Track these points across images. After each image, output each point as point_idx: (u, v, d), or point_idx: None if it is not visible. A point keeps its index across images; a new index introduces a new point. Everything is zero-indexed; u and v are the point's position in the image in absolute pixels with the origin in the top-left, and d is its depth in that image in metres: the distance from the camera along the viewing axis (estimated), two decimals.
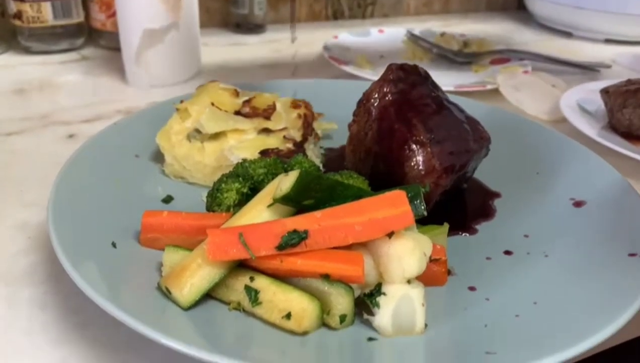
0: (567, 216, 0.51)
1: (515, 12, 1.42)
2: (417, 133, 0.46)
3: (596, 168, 0.56)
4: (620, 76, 1.00)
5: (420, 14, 1.33)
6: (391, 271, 0.37)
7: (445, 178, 0.46)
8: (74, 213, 0.45)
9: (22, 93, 0.81)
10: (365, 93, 0.51)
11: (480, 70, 0.95)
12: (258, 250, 0.38)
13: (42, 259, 0.48)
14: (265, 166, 0.47)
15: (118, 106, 0.77)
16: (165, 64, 0.83)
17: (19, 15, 0.90)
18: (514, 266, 0.45)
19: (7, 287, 0.45)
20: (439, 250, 0.43)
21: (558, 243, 0.47)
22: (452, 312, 0.40)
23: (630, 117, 0.70)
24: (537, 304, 0.40)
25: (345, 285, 0.37)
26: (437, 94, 0.51)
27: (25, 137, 0.68)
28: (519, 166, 0.60)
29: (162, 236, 0.44)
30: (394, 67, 0.51)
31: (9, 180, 0.59)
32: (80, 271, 0.37)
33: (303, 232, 0.38)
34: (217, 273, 0.38)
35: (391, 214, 0.38)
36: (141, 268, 0.42)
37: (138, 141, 0.58)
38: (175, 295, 0.38)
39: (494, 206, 0.54)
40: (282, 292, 0.37)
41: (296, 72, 0.94)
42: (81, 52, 0.97)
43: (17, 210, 0.54)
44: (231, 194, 0.45)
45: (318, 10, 1.22)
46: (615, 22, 1.14)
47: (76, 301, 0.43)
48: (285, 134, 0.57)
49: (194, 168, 0.55)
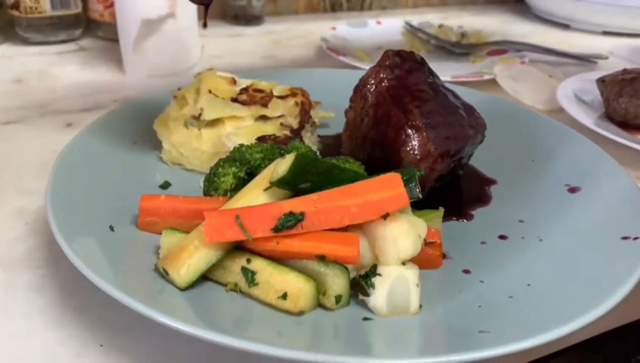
0: (562, 202, 0.51)
1: (513, 4, 1.42)
2: (413, 118, 0.47)
3: (590, 155, 0.56)
4: (617, 67, 0.99)
5: (418, 6, 1.33)
6: (386, 253, 0.38)
7: (440, 162, 0.46)
8: (71, 198, 0.45)
9: (20, 83, 0.81)
10: (361, 79, 0.51)
11: (478, 61, 0.95)
12: (255, 232, 0.38)
13: (39, 244, 0.48)
14: (262, 151, 0.47)
15: (116, 96, 0.78)
16: (163, 53, 0.83)
17: (16, 5, 0.90)
18: (508, 250, 0.46)
19: (5, 272, 0.45)
20: (433, 233, 0.43)
21: (553, 228, 0.48)
22: (446, 294, 0.41)
23: (626, 106, 0.71)
24: (531, 286, 0.40)
25: (341, 266, 0.38)
26: (433, 80, 0.51)
27: (23, 126, 0.69)
28: (515, 154, 0.60)
29: (159, 220, 0.44)
30: (391, 53, 0.51)
31: (7, 168, 0.60)
32: (78, 254, 0.38)
33: (299, 214, 0.38)
34: (214, 254, 0.39)
35: (386, 196, 0.38)
36: (139, 251, 0.42)
37: (136, 128, 0.58)
38: (173, 275, 0.38)
39: (489, 193, 0.54)
40: (279, 273, 0.38)
41: (294, 64, 0.94)
42: (79, 43, 0.97)
43: (15, 197, 0.54)
44: (228, 178, 0.46)
45: (316, 2, 1.22)
46: (612, 14, 1.15)
47: (73, 285, 0.43)
48: (283, 121, 0.57)
49: (191, 154, 0.55)
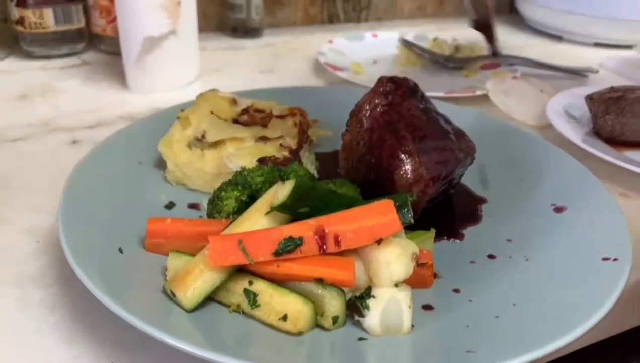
0: (548, 222, 0.53)
1: (508, 15, 1.44)
2: (406, 144, 0.49)
3: (576, 174, 0.59)
4: (607, 81, 1.03)
5: (414, 17, 1.36)
6: (380, 276, 0.40)
7: (432, 186, 0.49)
8: (82, 220, 0.47)
9: (25, 99, 0.83)
10: (357, 104, 0.54)
11: (471, 75, 0.98)
12: (256, 256, 0.41)
13: (51, 262, 0.50)
14: (262, 175, 0.50)
15: (119, 112, 0.80)
16: (165, 70, 0.85)
17: (21, 21, 0.92)
18: (496, 270, 0.48)
19: (18, 289, 0.47)
20: (425, 255, 0.46)
21: (538, 248, 0.50)
22: (437, 313, 0.43)
23: (612, 124, 0.73)
24: (516, 305, 0.43)
25: (338, 289, 0.40)
26: (425, 105, 0.53)
27: (30, 143, 0.71)
28: (504, 172, 0.62)
29: (165, 242, 0.47)
30: (385, 79, 0.54)
31: (17, 186, 0.62)
32: (90, 276, 0.40)
33: (298, 239, 0.41)
34: (218, 277, 0.41)
35: (380, 222, 0.41)
36: (146, 272, 0.45)
37: (141, 149, 0.60)
38: (180, 297, 0.40)
39: (480, 211, 0.57)
40: (279, 295, 0.40)
41: (293, 78, 0.97)
42: (82, 57, 1.00)
43: (26, 215, 0.57)
44: (231, 201, 0.48)
45: (314, 14, 1.24)
46: (603, 26, 1.17)
47: (85, 304, 0.46)
48: (282, 142, 0.59)
49: (194, 174, 0.57)
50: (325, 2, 1.24)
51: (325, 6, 1.24)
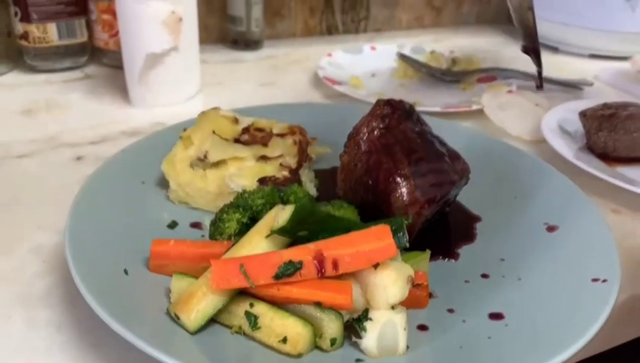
0: (540, 241, 0.55)
1: (505, 25, 1.46)
2: (402, 167, 0.51)
3: (569, 194, 0.60)
4: (601, 93, 1.05)
5: (411, 28, 1.37)
6: (377, 299, 0.42)
7: (427, 208, 0.50)
8: (88, 242, 0.49)
9: (29, 114, 0.85)
10: (355, 127, 0.55)
11: (468, 88, 0.99)
12: (257, 279, 0.42)
13: (57, 282, 0.52)
14: (263, 197, 0.51)
15: (122, 127, 0.81)
16: (167, 85, 0.87)
17: (25, 35, 0.94)
18: (489, 289, 0.50)
19: (25, 309, 0.49)
20: (421, 276, 0.47)
21: (531, 267, 0.52)
22: (432, 333, 0.45)
23: (605, 140, 0.75)
24: (508, 326, 0.44)
25: (336, 312, 0.42)
26: (421, 128, 0.55)
27: (35, 159, 0.72)
28: (498, 190, 0.64)
29: (169, 263, 0.48)
30: (382, 102, 0.55)
31: (22, 203, 0.63)
32: (97, 299, 0.41)
33: (298, 263, 0.42)
34: (220, 300, 0.43)
35: (377, 247, 0.42)
36: (151, 293, 0.46)
37: (144, 168, 0.62)
38: (184, 320, 0.42)
39: (475, 230, 0.59)
40: (279, 318, 0.42)
41: (292, 91, 0.98)
42: (84, 70, 1.01)
43: (32, 233, 0.58)
44: (232, 224, 0.50)
45: (313, 25, 1.26)
46: (597, 38, 1.19)
47: (90, 323, 0.47)
48: (282, 161, 0.61)
49: (196, 194, 0.59)
50: (324, 14, 1.26)
51: (324, 18, 1.26)
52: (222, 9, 1.15)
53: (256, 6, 1.10)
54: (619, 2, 1.14)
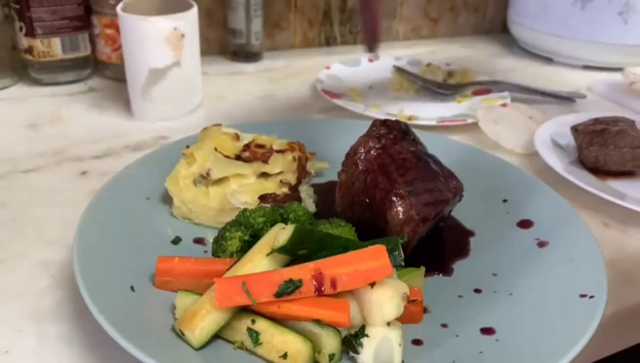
0: (531, 256, 0.57)
1: (500, 35, 1.48)
2: (397, 186, 0.53)
3: (560, 210, 0.62)
4: (594, 105, 1.07)
5: (409, 38, 1.39)
6: (373, 316, 0.44)
7: (422, 226, 0.52)
8: (95, 259, 0.51)
9: (35, 128, 0.87)
10: (352, 147, 0.58)
11: (463, 101, 1.02)
12: (259, 297, 0.44)
13: (65, 297, 0.54)
14: (264, 215, 0.53)
15: (125, 141, 0.83)
16: (169, 99, 0.89)
17: (30, 50, 0.96)
18: (481, 304, 0.52)
19: (36, 324, 0.51)
20: (415, 292, 0.49)
21: (521, 282, 0.54)
22: (425, 348, 0.47)
23: (596, 155, 0.77)
24: (499, 341, 0.47)
25: (334, 328, 0.44)
26: (416, 148, 0.57)
27: (41, 174, 0.74)
28: (492, 206, 0.66)
29: (174, 280, 0.50)
30: (378, 123, 0.57)
31: (30, 218, 0.65)
32: (106, 316, 0.43)
33: (298, 281, 0.44)
34: (223, 317, 0.45)
35: (373, 266, 0.44)
36: (156, 309, 0.48)
37: (148, 184, 0.64)
38: (188, 336, 0.44)
39: (468, 245, 0.61)
40: (280, 334, 0.44)
41: (292, 103, 1.00)
42: (88, 83, 1.03)
43: (40, 248, 0.60)
44: (234, 242, 0.52)
45: (312, 37, 1.28)
46: (590, 50, 1.21)
47: (99, 337, 0.49)
48: (282, 178, 0.63)
49: (199, 210, 0.61)
50: (323, 26, 1.28)
51: (322, 29, 1.28)
52: (222, 22, 1.17)
53: (256, 19, 1.13)
54: (612, 15, 1.16)
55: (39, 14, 0.93)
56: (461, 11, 1.43)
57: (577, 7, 1.19)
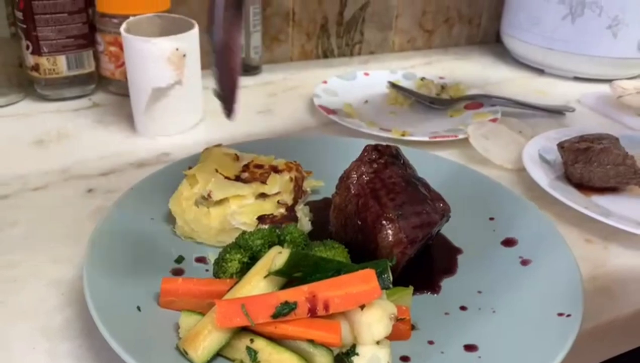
0: (515, 274, 0.60)
1: (494, 45, 1.52)
2: (387, 211, 0.56)
3: (544, 229, 0.65)
4: (583, 118, 1.11)
5: (404, 50, 1.43)
6: (363, 336, 0.47)
7: (410, 248, 0.56)
8: (103, 280, 0.54)
9: (41, 144, 0.90)
10: (346, 171, 0.61)
11: (455, 114, 1.05)
12: (257, 318, 0.48)
13: (74, 315, 0.57)
14: (262, 237, 0.57)
15: (129, 158, 0.87)
16: (171, 116, 0.92)
17: (36, 67, 0.99)
18: (466, 322, 0.55)
19: (47, 341, 0.54)
20: (404, 311, 0.53)
21: (504, 300, 0.57)
22: None
23: (581, 171, 0.80)
24: (481, 358, 0.50)
25: (327, 348, 0.47)
26: (405, 171, 0.60)
27: (49, 192, 0.77)
28: (479, 223, 0.69)
29: (177, 300, 0.54)
30: (370, 148, 0.61)
31: (39, 236, 0.68)
32: (114, 336, 0.47)
33: (293, 303, 0.48)
34: (224, 336, 0.48)
35: (363, 289, 0.48)
36: (161, 328, 0.51)
37: (152, 205, 0.67)
38: (192, 355, 0.47)
39: (456, 263, 0.64)
40: (276, 353, 0.47)
41: (289, 118, 1.04)
42: (92, 99, 1.06)
43: (49, 267, 0.63)
44: (234, 263, 0.55)
45: (309, 50, 1.31)
46: (580, 62, 1.25)
47: (106, 354, 0.52)
48: (279, 199, 0.66)
49: (201, 230, 0.64)
50: (320, 39, 1.31)
51: (320, 42, 1.31)
52: None
53: (255, 34, 1.16)
54: (601, 29, 1.20)
55: (45, 32, 0.97)
56: (455, 23, 1.46)
57: (567, 21, 1.22)
